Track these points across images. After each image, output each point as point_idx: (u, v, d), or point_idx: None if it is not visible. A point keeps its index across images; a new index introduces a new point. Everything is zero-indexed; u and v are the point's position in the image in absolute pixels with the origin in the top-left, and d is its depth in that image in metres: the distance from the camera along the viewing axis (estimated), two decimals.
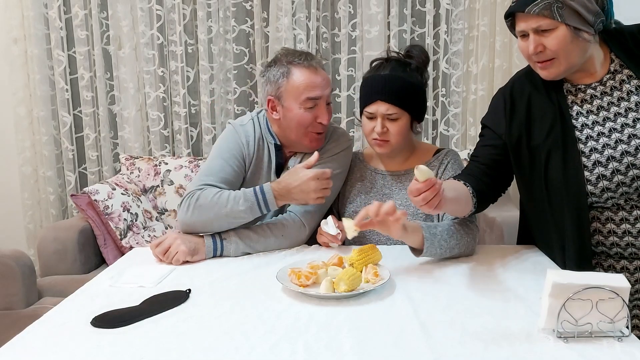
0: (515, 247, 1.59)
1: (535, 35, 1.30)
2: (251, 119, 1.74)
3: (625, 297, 0.99)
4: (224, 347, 1.02)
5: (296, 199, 1.56)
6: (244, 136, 1.70)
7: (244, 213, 1.54)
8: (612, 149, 1.33)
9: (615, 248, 1.39)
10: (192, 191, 1.58)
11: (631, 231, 1.36)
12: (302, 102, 1.62)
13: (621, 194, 1.34)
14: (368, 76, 1.64)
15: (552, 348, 0.98)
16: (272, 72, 1.66)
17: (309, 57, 1.65)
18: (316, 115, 1.63)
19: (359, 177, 1.73)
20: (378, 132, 1.58)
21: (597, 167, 1.34)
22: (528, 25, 1.30)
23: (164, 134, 2.95)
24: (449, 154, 1.67)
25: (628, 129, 1.33)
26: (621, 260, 1.40)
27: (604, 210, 1.37)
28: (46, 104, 2.90)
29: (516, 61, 2.69)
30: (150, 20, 2.85)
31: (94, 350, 1.02)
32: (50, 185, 2.95)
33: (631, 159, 1.32)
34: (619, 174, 1.32)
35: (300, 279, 1.26)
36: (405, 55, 1.63)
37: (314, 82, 1.62)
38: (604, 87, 1.38)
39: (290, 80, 1.62)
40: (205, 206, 1.53)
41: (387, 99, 1.56)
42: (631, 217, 1.35)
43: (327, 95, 1.65)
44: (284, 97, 1.64)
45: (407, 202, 1.62)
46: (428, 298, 1.22)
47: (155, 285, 1.33)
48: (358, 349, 0.99)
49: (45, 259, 2.36)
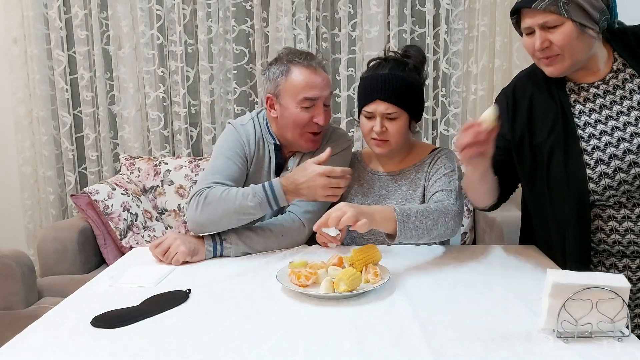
0: (515, 247, 1.59)
1: (541, 31, 1.31)
2: (251, 119, 1.74)
3: (625, 297, 0.99)
4: (224, 347, 1.02)
5: (305, 195, 1.53)
6: (245, 135, 1.70)
7: (253, 209, 1.52)
8: (615, 147, 1.34)
9: (618, 246, 1.39)
10: (200, 190, 1.57)
11: (633, 229, 1.36)
12: (300, 102, 1.61)
13: (623, 192, 1.34)
14: (366, 75, 1.63)
15: (552, 348, 0.98)
16: (273, 70, 1.66)
17: (310, 57, 1.65)
18: (313, 115, 1.63)
19: (356, 177, 1.73)
20: (377, 132, 1.58)
21: (599, 165, 1.35)
22: (534, 21, 1.31)
23: (164, 134, 2.95)
24: (442, 151, 1.68)
25: (630, 127, 1.34)
26: (623, 259, 1.41)
27: (606, 208, 1.38)
28: (46, 104, 2.90)
29: (516, 61, 2.69)
30: (150, 20, 2.85)
31: (94, 350, 1.02)
32: (50, 185, 2.95)
33: (633, 157, 1.33)
34: (621, 171, 1.33)
35: (300, 279, 1.26)
36: (402, 55, 1.63)
37: (312, 82, 1.61)
38: (606, 85, 1.38)
39: (289, 78, 1.62)
40: (214, 204, 1.52)
41: (387, 98, 1.56)
42: (633, 214, 1.36)
43: (325, 97, 1.64)
44: (282, 96, 1.63)
45: (402, 203, 1.62)
46: (428, 298, 1.22)
47: (155, 285, 1.33)
48: (358, 349, 0.99)
49: (45, 258, 2.36)
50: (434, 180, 1.60)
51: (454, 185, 1.58)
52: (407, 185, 1.64)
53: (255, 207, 1.52)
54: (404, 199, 1.62)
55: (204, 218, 1.53)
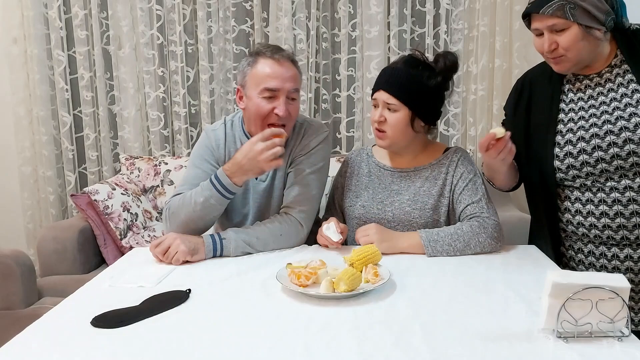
0: (515, 247, 1.59)
1: (549, 33, 1.40)
2: (223, 123, 1.78)
3: (625, 297, 0.99)
4: (224, 347, 1.02)
5: (249, 169, 1.55)
6: (214, 140, 1.74)
7: (209, 202, 1.56)
8: (585, 131, 1.45)
9: (582, 228, 1.49)
10: (167, 203, 1.65)
11: (594, 212, 1.46)
12: (260, 91, 1.61)
13: (587, 174, 1.45)
14: (384, 67, 1.78)
15: (552, 348, 0.98)
16: (242, 63, 1.69)
17: (277, 50, 1.66)
18: (274, 106, 1.61)
19: (366, 172, 1.75)
20: (376, 120, 1.63)
21: (567, 145, 1.47)
22: (543, 24, 1.40)
23: (164, 134, 2.95)
24: (458, 151, 1.70)
25: (606, 116, 1.43)
26: (589, 244, 1.50)
27: (573, 190, 1.49)
28: (46, 104, 2.90)
29: (516, 61, 2.69)
30: (150, 20, 2.85)
31: (94, 350, 1.02)
32: (50, 185, 2.95)
33: (599, 142, 1.42)
34: (584, 153, 1.44)
35: (300, 279, 1.26)
36: (434, 60, 1.64)
37: (275, 72, 1.61)
38: (600, 78, 1.47)
39: (254, 69, 1.63)
40: (177, 211, 1.59)
41: (388, 89, 1.61)
42: (595, 198, 1.45)
43: (287, 90, 1.62)
44: (247, 86, 1.65)
45: (415, 198, 1.63)
46: (428, 298, 1.22)
47: (155, 285, 1.33)
48: (358, 349, 0.99)
49: (45, 258, 2.36)
50: (461, 189, 1.62)
51: (481, 191, 1.62)
52: (421, 182, 1.66)
53: (209, 200, 1.56)
54: (417, 194, 1.64)
55: (174, 227, 1.59)
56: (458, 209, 1.62)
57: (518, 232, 1.90)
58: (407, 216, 1.62)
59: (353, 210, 1.69)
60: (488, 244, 1.52)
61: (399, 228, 1.62)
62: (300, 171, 1.67)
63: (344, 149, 2.92)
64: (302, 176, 1.67)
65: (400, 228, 1.62)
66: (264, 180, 1.72)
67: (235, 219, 1.75)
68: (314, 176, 1.68)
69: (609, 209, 1.43)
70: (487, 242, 1.52)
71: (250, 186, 1.72)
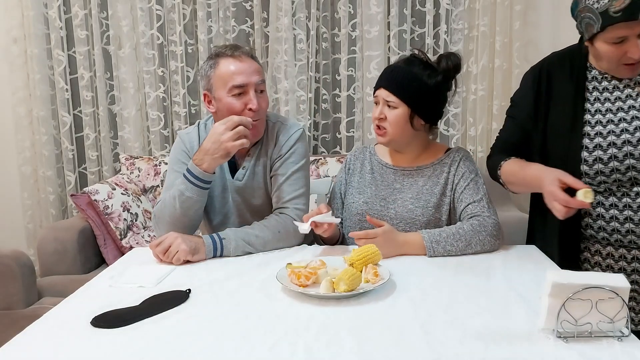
0: (515, 247, 1.59)
1: (638, 39, 1.32)
2: (196, 127, 1.80)
3: (625, 297, 0.99)
4: (224, 347, 1.02)
5: (216, 153, 1.55)
6: (188, 143, 1.75)
7: (185, 195, 1.58)
8: (616, 137, 1.40)
9: (602, 232, 1.45)
10: (153, 210, 1.69)
11: (619, 217, 1.42)
12: (229, 90, 1.62)
13: (614, 180, 1.40)
14: (387, 66, 1.77)
15: (552, 348, 0.98)
16: (204, 68, 1.69)
17: (235, 48, 1.67)
18: (245, 102, 1.63)
19: (369, 169, 1.76)
20: (376, 117, 1.65)
21: (597, 150, 1.42)
22: (634, 31, 1.32)
23: (164, 134, 2.95)
24: (459, 151, 1.71)
25: (636, 122, 1.39)
26: (607, 247, 1.46)
27: (596, 194, 1.43)
28: (46, 104, 2.90)
29: (516, 61, 2.69)
30: (150, 20, 2.85)
31: (94, 350, 1.02)
32: (50, 185, 2.95)
33: (631, 149, 1.38)
34: (615, 160, 1.39)
35: (300, 279, 1.26)
36: (437, 61, 1.64)
37: (238, 69, 1.62)
38: (628, 80, 1.43)
39: (217, 70, 1.64)
40: (161, 214, 1.63)
41: (387, 86, 1.62)
42: (620, 203, 1.41)
43: (255, 83, 1.64)
44: (214, 89, 1.65)
45: (418, 196, 1.63)
46: (428, 298, 1.22)
47: (155, 285, 1.33)
48: (358, 349, 0.99)
49: (45, 259, 2.36)
50: (462, 188, 1.62)
51: (482, 191, 1.62)
52: (423, 180, 1.66)
53: (183, 194, 1.58)
54: (420, 193, 1.64)
55: (163, 230, 1.60)
56: (459, 208, 1.62)
57: (518, 232, 1.90)
58: (410, 214, 1.62)
59: (356, 206, 1.70)
60: (488, 242, 1.52)
61: (401, 225, 1.62)
62: (284, 173, 1.69)
63: (344, 149, 2.92)
64: (287, 177, 1.68)
65: (403, 225, 1.62)
66: (240, 180, 1.72)
67: (216, 219, 1.76)
68: (299, 174, 1.70)
69: (634, 214, 1.40)
70: (487, 240, 1.52)
71: (228, 185, 1.73)
